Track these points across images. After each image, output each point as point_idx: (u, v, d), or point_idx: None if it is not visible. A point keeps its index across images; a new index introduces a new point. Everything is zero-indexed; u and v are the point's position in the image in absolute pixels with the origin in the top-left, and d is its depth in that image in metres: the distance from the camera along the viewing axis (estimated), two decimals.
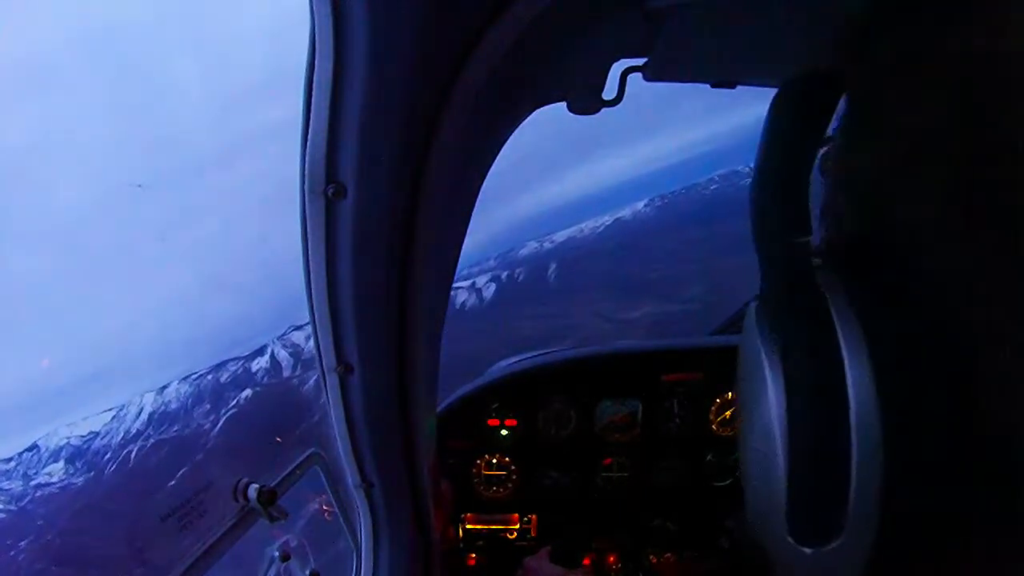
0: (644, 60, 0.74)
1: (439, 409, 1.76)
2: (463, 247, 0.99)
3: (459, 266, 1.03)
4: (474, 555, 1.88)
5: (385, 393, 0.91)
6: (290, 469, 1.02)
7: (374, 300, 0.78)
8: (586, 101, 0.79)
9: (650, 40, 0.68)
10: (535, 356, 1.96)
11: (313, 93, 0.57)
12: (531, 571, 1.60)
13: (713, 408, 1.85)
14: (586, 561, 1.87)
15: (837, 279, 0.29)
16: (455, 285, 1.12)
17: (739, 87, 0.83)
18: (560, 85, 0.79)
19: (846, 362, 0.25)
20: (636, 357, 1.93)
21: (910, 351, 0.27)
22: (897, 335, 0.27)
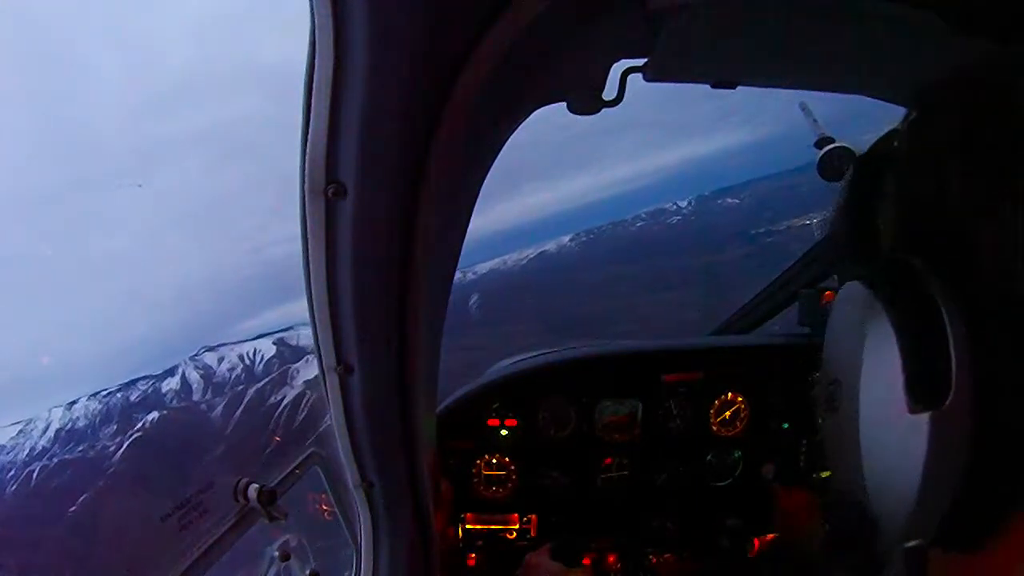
0: (644, 60, 0.74)
1: (439, 409, 1.76)
2: (463, 247, 0.99)
3: None
4: (474, 555, 1.87)
5: (385, 393, 0.91)
6: (290, 469, 1.02)
7: (374, 300, 0.77)
8: (586, 101, 0.79)
9: (650, 40, 0.68)
10: (535, 356, 1.96)
11: (313, 93, 0.57)
12: (532, 567, 1.60)
13: (713, 408, 1.85)
14: (586, 561, 1.86)
15: (935, 275, 0.41)
16: None
17: (740, 89, 0.83)
18: (560, 85, 0.79)
19: (948, 329, 0.39)
20: (636, 357, 1.93)
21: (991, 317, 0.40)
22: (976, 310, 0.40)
